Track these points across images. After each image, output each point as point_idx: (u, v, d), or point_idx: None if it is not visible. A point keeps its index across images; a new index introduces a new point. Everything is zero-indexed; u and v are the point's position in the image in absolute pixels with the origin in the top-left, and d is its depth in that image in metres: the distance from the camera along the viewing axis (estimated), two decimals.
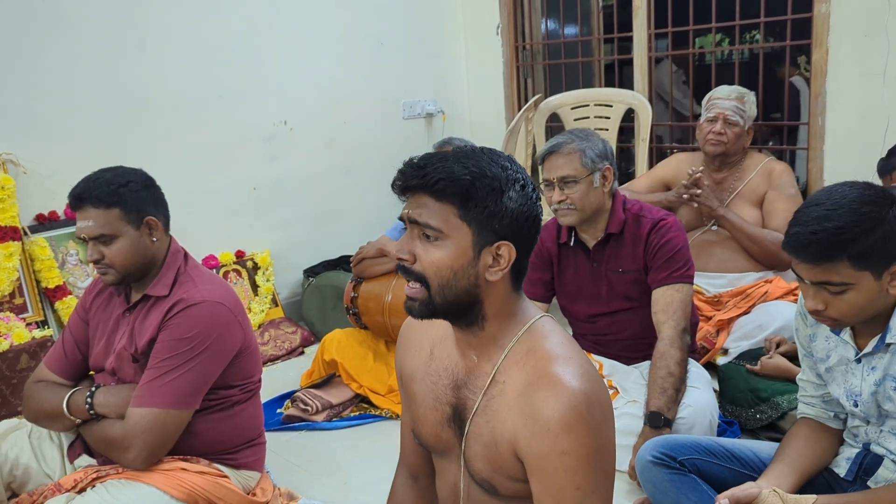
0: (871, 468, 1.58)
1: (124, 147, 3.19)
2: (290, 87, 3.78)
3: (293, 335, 3.60)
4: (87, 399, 1.82)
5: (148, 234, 1.85)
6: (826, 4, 3.05)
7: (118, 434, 1.76)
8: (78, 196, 1.81)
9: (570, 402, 1.07)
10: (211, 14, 3.45)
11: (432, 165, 1.11)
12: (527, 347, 1.16)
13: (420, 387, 1.29)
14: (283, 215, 3.83)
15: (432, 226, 1.11)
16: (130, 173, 1.87)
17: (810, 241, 1.37)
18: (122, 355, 1.86)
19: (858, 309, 1.42)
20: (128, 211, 1.81)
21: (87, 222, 1.80)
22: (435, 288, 1.13)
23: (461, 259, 1.12)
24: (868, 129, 3.03)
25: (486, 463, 1.18)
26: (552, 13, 4.37)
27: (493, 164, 1.13)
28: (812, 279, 1.42)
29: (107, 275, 1.84)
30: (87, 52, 3.09)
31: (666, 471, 1.71)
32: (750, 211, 2.93)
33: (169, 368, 1.76)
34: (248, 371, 1.97)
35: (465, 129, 4.55)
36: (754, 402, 2.39)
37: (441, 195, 1.11)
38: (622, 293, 2.34)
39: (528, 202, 1.14)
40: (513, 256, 1.14)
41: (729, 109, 2.91)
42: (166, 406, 1.75)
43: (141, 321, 1.86)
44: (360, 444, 2.61)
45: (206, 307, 1.81)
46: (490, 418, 1.17)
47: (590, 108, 3.78)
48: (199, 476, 1.82)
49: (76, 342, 1.98)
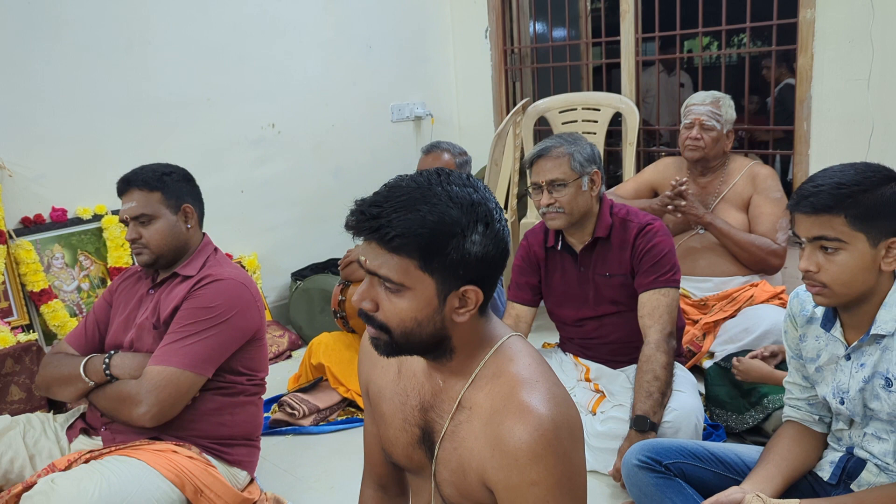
0: (854, 472, 1.59)
1: (111, 150, 3.18)
2: (279, 90, 3.77)
3: (280, 339, 3.59)
4: (105, 360, 1.92)
5: (184, 221, 2.01)
6: (811, 10, 3.08)
7: (132, 389, 1.84)
8: (126, 180, 1.98)
9: (537, 430, 1.04)
10: (199, 17, 3.44)
11: (386, 216, 1.03)
12: (492, 371, 1.13)
13: (388, 406, 1.26)
14: (270, 218, 3.82)
15: (393, 279, 1.06)
16: (173, 166, 2.05)
17: (811, 193, 1.45)
18: (143, 326, 1.96)
19: (850, 274, 1.45)
20: (168, 196, 1.98)
21: (131, 203, 1.96)
22: (398, 335, 1.10)
23: (426, 309, 1.08)
24: (853, 134, 3.06)
25: (455, 489, 1.16)
26: (540, 17, 4.39)
27: (453, 207, 1.05)
28: (808, 234, 1.47)
29: (141, 254, 1.97)
30: (74, 55, 3.07)
31: (651, 475, 1.71)
32: (735, 215, 2.95)
33: (189, 333, 1.86)
34: (255, 363, 2.05)
35: (454, 133, 4.55)
36: (740, 404, 2.41)
37: (399, 250, 1.04)
38: (609, 297, 2.35)
39: (493, 241, 1.08)
40: (480, 298, 1.10)
41: (704, 115, 2.94)
42: (183, 366, 1.83)
43: (167, 294, 1.97)
44: (347, 449, 2.61)
45: (231, 283, 1.94)
46: (457, 445, 1.14)
47: (578, 111, 3.80)
48: (189, 461, 1.85)
49: (97, 322, 2.10)
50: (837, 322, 1.58)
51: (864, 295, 1.49)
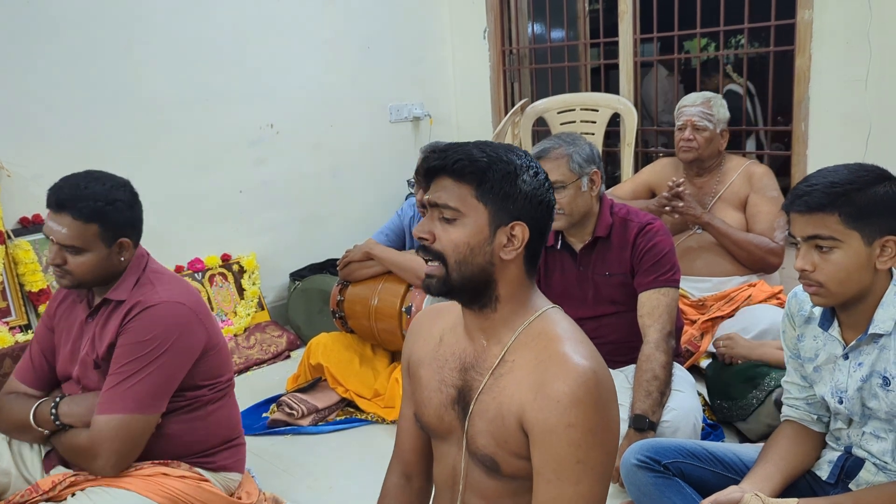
0: (852, 471, 1.60)
1: (110, 150, 3.17)
2: (277, 91, 3.77)
3: (279, 339, 3.59)
4: (52, 410, 1.80)
5: (118, 253, 1.82)
6: (809, 11, 3.09)
7: (85, 443, 1.74)
8: (61, 203, 1.76)
9: (579, 378, 1.11)
10: (197, 17, 3.44)
11: (452, 149, 1.20)
12: (537, 331, 1.21)
13: (427, 371, 1.33)
14: (269, 218, 3.82)
15: (451, 205, 1.18)
16: (119, 189, 1.82)
17: (805, 193, 1.47)
18: (85, 362, 1.84)
19: (846, 273, 1.45)
20: (106, 230, 1.78)
21: (62, 229, 1.75)
22: (452, 264, 1.19)
23: (477, 236, 1.18)
24: (850, 134, 3.06)
25: (491, 438, 1.21)
26: (539, 17, 4.39)
27: (510, 152, 1.21)
28: (804, 234, 1.48)
29: (63, 279, 1.81)
30: (72, 54, 3.07)
31: (650, 474, 1.72)
32: (733, 214, 2.96)
33: (130, 373, 1.73)
34: (216, 370, 1.94)
35: (452, 133, 4.55)
36: (742, 389, 2.42)
37: (459, 175, 1.18)
38: (608, 297, 2.35)
39: (541, 187, 1.21)
40: (526, 236, 1.20)
41: (696, 115, 2.95)
42: (130, 411, 1.72)
43: (101, 327, 1.83)
44: (346, 449, 2.61)
45: (163, 308, 1.78)
46: (497, 395, 1.20)
47: (576, 112, 3.80)
48: (181, 481, 1.80)
49: (43, 351, 1.96)
50: (835, 321, 1.58)
51: (860, 294, 1.49)
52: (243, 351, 3.45)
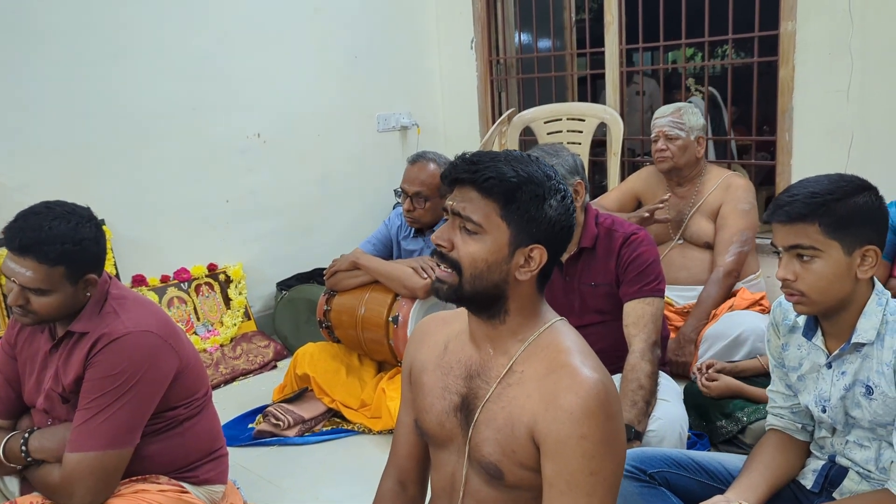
0: (836, 480, 1.60)
1: (96, 160, 3.16)
2: (264, 100, 3.77)
3: (266, 349, 3.57)
4: (22, 447, 1.75)
5: (83, 290, 1.74)
6: (792, 22, 3.12)
7: (58, 481, 1.69)
8: (24, 246, 1.65)
9: (591, 390, 1.13)
10: (185, 27, 3.43)
11: (483, 163, 1.18)
12: (546, 342, 1.23)
13: (430, 377, 1.33)
14: (256, 228, 3.81)
15: (474, 220, 1.18)
16: (85, 225, 1.72)
17: (786, 203, 1.48)
18: (51, 396, 1.79)
19: (827, 282, 1.47)
20: (73, 270, 1.70)
21: (26, 272, 1.66)
22: (467, 276, 1.19)
23: (496, 255, 1.18)
24: (833, 144, 3.09)
25: (497, 446, 1.21)
26: (526, 27, 4.41)
27: (540, 172, 1.20)
28: (785, 243, 1.50)
29: (25, 317, 1.73)
30: (59, 64, 3.06)
31: (636, 484, 1.71)
32: (707, 225, 2.99)
33: (100, 409, 1.67)
34: (190, 390, 1.89)
35: (440, 143, 4.56)
36: (712, 414, 2.43)
37: (487, 192, 1.17)
38: (594, 307, 2.36)
39: (566, 213, 1.22)
40: (544, 260, 1.21)
41: (666, 125, 2.99)
42: (102, 448, 1.67)
43: (65, 360, 1.77)
44: (332, 459, 2.60)
45: (131, 339, 1.71)
46: (506, 404, 1.21)
47: (563, 122, 3.82)
48: (161, 495, 1.77)
49: (7, 380, 1.89)
50: (819, 331, 1.59)
51: (842, 303, 1.50)
52: (229, 361, 3.43)
